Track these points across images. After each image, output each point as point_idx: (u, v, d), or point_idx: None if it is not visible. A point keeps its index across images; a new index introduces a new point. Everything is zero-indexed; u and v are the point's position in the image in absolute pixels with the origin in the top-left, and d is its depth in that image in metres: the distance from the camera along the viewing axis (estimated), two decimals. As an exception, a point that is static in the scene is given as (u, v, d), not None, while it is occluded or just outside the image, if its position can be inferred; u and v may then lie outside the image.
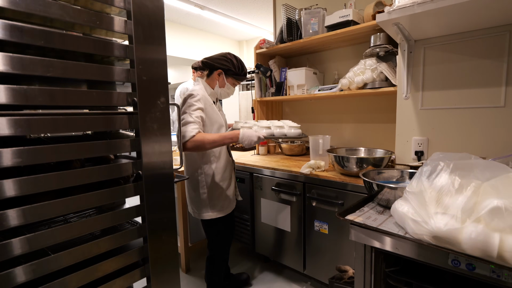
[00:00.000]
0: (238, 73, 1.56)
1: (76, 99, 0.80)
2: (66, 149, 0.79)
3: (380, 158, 1.56)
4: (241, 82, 1.67)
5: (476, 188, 0.71)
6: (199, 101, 1.43)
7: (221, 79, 1.55)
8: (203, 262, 2.32)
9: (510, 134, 1.31)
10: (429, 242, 0.73)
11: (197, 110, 1.41)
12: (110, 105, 0.88)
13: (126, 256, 0.94)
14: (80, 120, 0.82)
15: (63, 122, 0.78)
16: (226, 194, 1.60)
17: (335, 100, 2.40)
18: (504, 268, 0.64)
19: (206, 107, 1.47)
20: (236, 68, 1.54)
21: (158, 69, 0.95)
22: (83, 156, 0.87)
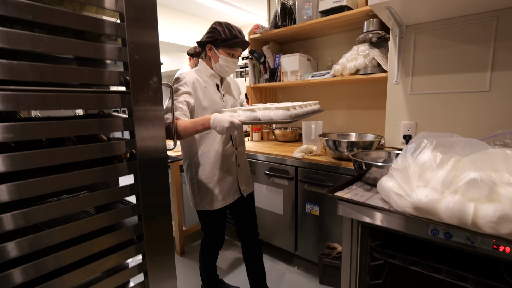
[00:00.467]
0: (227, 39, 1.31)
1: (67, 76, 0.80)
2: (58, 126, 0.80)
3: (370, 142, 1.60)
4: (237, 49, 1.36)
5: (456, 162, 0.75)
6: (184, 85, 1.31)
7: (213, 54, 1.36)
8: (197, 246, 2.37)
9: (494, 117, 1.36)
10: (411, 213, 0.77)
11: (182, 94, 1.29)
12: (102, 83, 0.88)
13: (121, 233, 0.97)
14: (70, 98, 0.82)
15: (53, 99, 0.79)
16: (219, 187, 1.42)
17: (328, 87, 2.42)
18: (478, 235, 0.69)
19: (196, 91, 1.34)
20: (223, 34, 1.31)
21: (151, 48, 0.95)
22: (76, 133, 0.88)
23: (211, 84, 1.40)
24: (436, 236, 0.76)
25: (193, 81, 1.33)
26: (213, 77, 1.41)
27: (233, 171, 1.46)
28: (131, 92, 0.93)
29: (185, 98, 1.28)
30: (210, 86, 1.39)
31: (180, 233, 2.16)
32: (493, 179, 0.67)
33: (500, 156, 0.73)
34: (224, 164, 1.42)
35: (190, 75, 1.34)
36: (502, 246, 0.67)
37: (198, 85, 1.35)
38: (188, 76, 1.33)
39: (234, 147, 1.47)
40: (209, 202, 1.42)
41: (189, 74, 1.34)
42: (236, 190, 1.49)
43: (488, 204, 0.66)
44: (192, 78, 1.33)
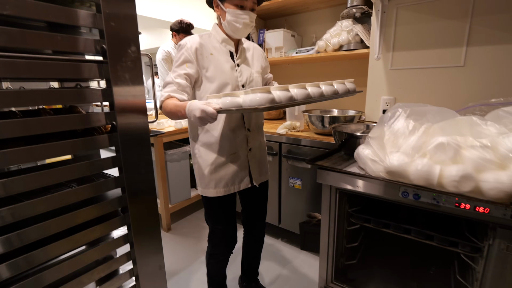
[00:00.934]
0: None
1: (38, 41, 0.77)
2: (31, 94, 0.77)
3: (351, 116, 1.64)
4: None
5: (426, 129, 0.80)
6: (185, 53, 1.10)
7: (220, 10, 1.12)
8: (184, 222, 2.41)
9: (468, 91, 1.42)
10: (384, 177, 0.82)
11: (182, 65, 1.10)
12: (76, 51, 0.85)
13: (105, 205, 0.97)
14: (44, 66, 0.79)
15: (24, 67, 0.75)
16: (222, 172, 1.21)
17: (312, 64, 2.42)
18: (443, 194, 0.74)
19: (201, 58, 1.12)
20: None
21: (127, 15, 0.92)
22: (51, 103, 0.85)
23: (223, 51, 1.16)
24: (406, 198, 0.82)
25: (196, 47, 1.11)
26: (226, 42, 1.17)
27: (242, 156, 1.22)
28: (108, 62, 0.91)
29: (185, 70, 1.09)
30: (220, 53, 1.15)
31: (166, 210, 2.18)
32: (458, 143, 0.71)
33: (466, 122, 0.78)
34: (231, 147, 1.19)
35: (193, 40, 1.12)
36: (463, 204, 0.74)
37: (203, 51, 1.12)
38: (191, 42, 1.11)
39: (246, 127, 1.21)
40: (208, 187, 1.22)
41: (192, 39, 1.13)
42: (244, 178, 1.25)
43: (453, 165, 0.71)
44: (195, 44, 1.11)
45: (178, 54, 1.12)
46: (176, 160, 2.17)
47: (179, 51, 1.12)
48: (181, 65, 1.10)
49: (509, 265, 0.82)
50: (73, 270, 0.91)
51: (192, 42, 1.11)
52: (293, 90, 0.96)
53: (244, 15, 1.09)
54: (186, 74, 1.09)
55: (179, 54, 1.11)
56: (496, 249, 0.83)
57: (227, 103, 0.92)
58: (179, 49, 1.13)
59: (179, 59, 1.11)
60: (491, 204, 0.70)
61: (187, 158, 2.27)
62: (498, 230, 0.82)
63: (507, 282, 0.83)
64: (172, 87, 1.07)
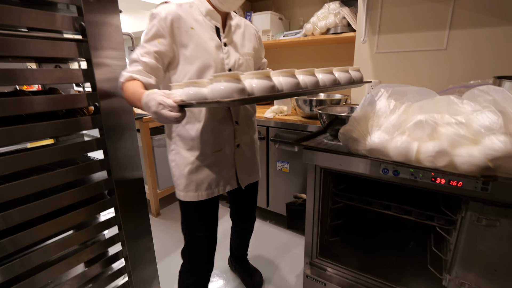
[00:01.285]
0: None
1: (11, 17, 0.73)
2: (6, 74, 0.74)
3: (337, 100, 1.66)
4: None
5: (406, 108, 0.82)
6: (157, 24, 0.88)
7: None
8: (173, 207, 2.42)
9: (449, 74, 1.46)
10: (366, 155, 0.85)
11: (152, 40, 0.89)
12: (53, 28, 0.82)
13: (90, 187, 0.96)
14: (20, 43, 0.76)
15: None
16: (204, 172, 1.02)
17: (300, 48, 2.41)
18: (420, 169, 0.78)
19: (179, 33, 0.90)
20: None
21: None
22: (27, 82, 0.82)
23: (207, 26, 0.95)
24: (387, 174, 0.85)
25: (172, 19, 0.89)
26: (211, 16, 0.95)
27: (229, 153, 1.04)
28: (88, 41, 0.88)
29: (156, 46, 0.88)
30: (204, 29, 0.94)
31: (154, 195, 2.18)
32: (435, 120, 0.74)
33: (444, 101, 0.81)
34: (215, 142, 1.00)
35: (169, 9, 0.89)
36: (438, 178, 0.78)
37: (181, 24, 0.90)
38: (166, 11, 0.88)
39: (233, 120, 1.02)
40: (188, 189, 1.05)
41: (167, 8, 0.89)
42: (231, 179, 1.07)
43: (430, 141, 0.74)
44: (171, 14, 0.89)
45: (150, 25, 0.90)
46: (164, 146, 2.16)
47: (150, 21, 0.90)
48: (152, 40, 0.88)
49: (479, 235, 0.87)
50: (60, 252, 0.92)
51: (168, 12, 0.88)
52: (277, 79, 0.74)
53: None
54: (157, 52, 0.88)
55: (150, 25, 0.89)
56: (468, 221, 0.88)
57: (190, 94, 0.70)
58: (150, 18, 0.90)
59: (149, 32, 0.89)
60: (464, 178, 0.74)
61: (174, 143, 2.25)
62: (470, 203, 0.87)
63: (477, 251, 0.89)
64: (136, 67, 0.87)
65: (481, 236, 0.88)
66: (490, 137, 0.68)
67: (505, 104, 0.72)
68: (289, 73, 0.75)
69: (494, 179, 0.71)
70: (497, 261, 0.87)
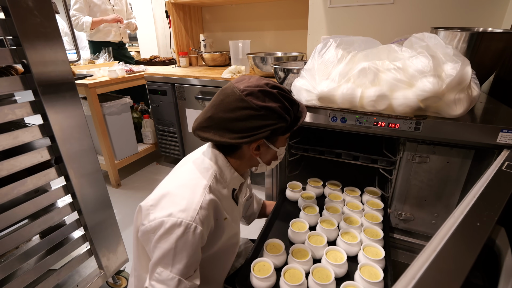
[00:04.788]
0: (292, 122, 0.70)
1: None
2: None
3: (294, 57, 1.67)
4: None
5: (353, 57, 0.86)
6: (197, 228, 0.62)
7: (264, 151, 0.73)
8: (134, 177, 2.36)
9: (396, 27, 1.53)
10: (316, 104, 0.89)
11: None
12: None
13: (32, 155, 0.89)
14: None
15: None
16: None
17: (256, 5, 2.31)
18: (364, 115, 0.84)
19: (214, 226, 0.70)
20: (285, 114, 0.66)
21: None
22: None
23: (228, 195, 0.75)
24: (335, 122, 0.91)
25: (214, 213, 0.68)
26: (235, 181, 0.76)
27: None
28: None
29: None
30: (228, 203, 0.75)
31: (112, 166, 2.09)
32: (377, 66, 0.79)
33: (386, 49, 0.86)
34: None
35: (212, 199, 0.66)
36: (380, 122, 0.85)
37: (218, 216, 0.70)
38: (205, 212, 0.64)
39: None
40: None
41: (206, 204, 0.64)
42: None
43: (372, 87, 0.80)
44: (214, 206, 0.67)
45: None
46: (116, 113, 2.02)
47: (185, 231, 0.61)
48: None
49: (413, 171, 1.00)
50: (9, 223, 0.86)
51: (207, 214, 0.64)
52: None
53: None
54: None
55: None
56: (405, 160, 1.00)
57: None
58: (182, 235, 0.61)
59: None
60: (400, 119, 0.82)
61: (128, 110, 2.12)
62: (407, 144, 0.97)
63: (411, 185, 1.03)
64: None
65: (415, 172, 1.00)
66: (422, 79, 0.74)
67: (436, 49, 0.79)
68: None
69: (424, 118, 0.79)
70: (426, 192, 1.02)
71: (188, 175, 0.70)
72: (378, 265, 0.78)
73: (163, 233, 0.60)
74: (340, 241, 0.89)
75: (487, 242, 0.33)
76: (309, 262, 0.81)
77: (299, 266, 0.78)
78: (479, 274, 0.53)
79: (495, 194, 0.43)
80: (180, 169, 0.75)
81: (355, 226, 0.94)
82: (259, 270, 0.79)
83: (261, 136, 0.64)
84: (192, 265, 0.63)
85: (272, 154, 0.75)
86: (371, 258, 0.80)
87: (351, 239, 0.90)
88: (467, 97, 0.77)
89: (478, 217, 0.36)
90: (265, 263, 0.80)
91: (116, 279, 1.34)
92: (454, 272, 0.29)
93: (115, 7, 2.52)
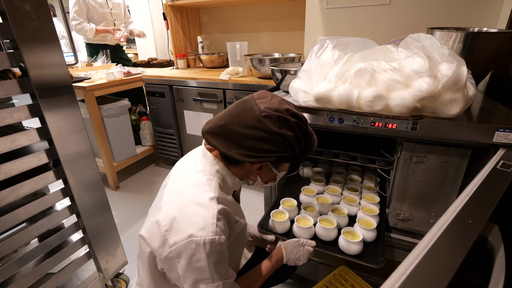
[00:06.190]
0: (300, 153, 0.71)
1: None
2: None
3: (291, 58, 1.68)
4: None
5: (349, 58, 0.86)
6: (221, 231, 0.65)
7: (265, 171, 0.75)
8: (133, 180, 2.35)
9: (392, 28, 1.54)
10: (313, 105, 0.89)
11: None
12: None
13: (30, 158, 0.89)
14: None
15: None
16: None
17: (253, 6, 2.32)
18: (361, 115, 0.85)
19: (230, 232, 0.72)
20: (297, 146, 0.68)
21: None
22: None
23: (231, 198, 0.76)
24: (333, 123, 0.91)
25: (226, 219, 0.70)
26: (236, 185, 0.78)
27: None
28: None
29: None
30: (234, 206, 0.76)
31: (111, 168, 2.09)
32: (374, 67, 0.80)
33: (382, 50, 0.86)
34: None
35: (223, 209, 0.67)
36: (377, 123, 0.86)
37: (230, 219, 0.72)
38: (220, 222, 0.65)
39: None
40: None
41: (221, 207, 0.66)
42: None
43: (368, 88, 0.80)
44: (228, 214, 0.70)
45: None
46: (114, 116, 2.02)
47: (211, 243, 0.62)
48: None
49: (411, 171, 1.00)
50: (7, 227, 0.86)
51: (223, 223, 0.66)
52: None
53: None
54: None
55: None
56: (402, 160, 1.00)
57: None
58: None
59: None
60: (397, 120, 0.82)
61: (126, 112, 2.12)
62: (404, 144, 0.98)
63: (409, 185, 1.03)
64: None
65: (412, 171, 1.01)
66: (418, 80, 0.75)
67: (432, 50, 0.80)
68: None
69: (420, 118, 0.80)
70: (424, 191, 1.02)
71: (192, 190, 0.68)
72: (374, 219, 1.00)
73: (192, 255, 0.60)
74: (343, 202, 1.11)
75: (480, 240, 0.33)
76: (316, 215, 1.05)
77: (309, 216, 1.03)
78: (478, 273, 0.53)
79: (488, 192, 0.43)
80: (178, 181, 0.73)
81: (356, 193, 1.16)
82: (276, 217, 1.04)
83: (267, 160, 0.67)
84: (226, 267, 0.68)
85: (272, 176, 0.77)
86: (367, 214, 1.02)
87: (352, 201, 1.13)
88: (463, 97, 0.78)
89: (470, 214, 0.37)
90: (282, 213, 1.05)
91: (115, 282, 1.33)
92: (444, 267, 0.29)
93: (113, 11, 2.52)
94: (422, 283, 0.28)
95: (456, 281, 0.29)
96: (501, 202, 0.39)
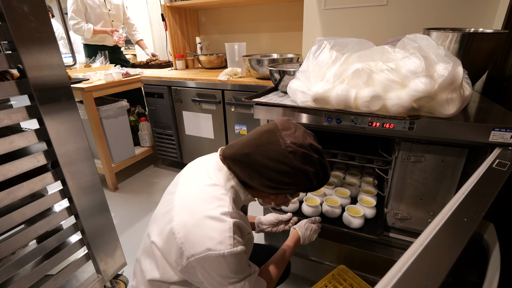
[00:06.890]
0: (316, 186, 0.73)
1: None
2: None
3: (289, 58, 1.68)
4: None
5: (347, 58, 0.87)
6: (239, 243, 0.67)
7: (280, 198, 0.79)
8: (131, 181, 2.35)
9: (390, 28, 1.55)
10: (311, 106, 0.90)
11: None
12: None
13: (28, 159, 0.89)
14: None
15: None
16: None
17: (252, 7, 2.32)
18: (358, 115, 0.85)
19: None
20: (315, 180, 0.70)
21: None
22: None
23: (241, 212, 0.75)
24: (331, 123, 0.91)
25: (240, 231, 0.71)
26: (248, 201, 0.79)
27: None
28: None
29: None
30: (244, 219, 0.74)
31: (109, 169, 2.08)
32: (371, 67, 0.80)
33: (379, 51, 0.87)
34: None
35: (236, 222, 0.68)
36: (374, 123, 0.86)
37: (244, 233, 0.73)
38: (236, 235, 0.66)
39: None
40: None
41: (235, 221, 0.67)
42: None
43: (366, 88, 0.81)
44: (241, 227, 0.71)
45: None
46: (113, 117, 2.02)
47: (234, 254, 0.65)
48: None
49: (408, 170, 1.01)
50: (5, 229, 0.86)
51: (239, 235, 0.68)
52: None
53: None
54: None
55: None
56: (400, 160, 1.01)
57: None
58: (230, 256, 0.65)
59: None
60: (394, 119, 0.83)
61: (125, 114, 2.12)
62: (402, 144, 0.99)
63: (407, 184, 1.04)
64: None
65: (410, 171, 1.01)
66: (414, 80, 0.76)
67: (428, 50, 0.80)
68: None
69: (417, 118, 0.80)
70: (422, 191, 1.03)
71: (207, 204, 0.67)
72: (373, 199, 1.15)
73: (212, 263, 0.63)
74: (346, 184, 1.26)
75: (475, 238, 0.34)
76: (322, 195, 1.22)
77: (316, 197, 1.20)
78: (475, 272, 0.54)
79: (484, 190, 0.44)
80: (191, 192, 0.71)
81: (357, 177, 1.31)
82: None
83: (286, 192, 0.70)
84: (247, 264, 0.72)
85: (285, 201, 0.81)
86: (367, 194, 1.17)
87: (354, 183, 1.27)
88: (460, 97, 0.78)
89: (466, 213, 0.37)
90: None
91: (114, 283, 1.33)
92: (439, 264, 0.30)
93: (111, 12, 2.52)
94: (418, 280, 0.29)
95: (454, 280, 0.29)
96: (497, 201, 0.40)
